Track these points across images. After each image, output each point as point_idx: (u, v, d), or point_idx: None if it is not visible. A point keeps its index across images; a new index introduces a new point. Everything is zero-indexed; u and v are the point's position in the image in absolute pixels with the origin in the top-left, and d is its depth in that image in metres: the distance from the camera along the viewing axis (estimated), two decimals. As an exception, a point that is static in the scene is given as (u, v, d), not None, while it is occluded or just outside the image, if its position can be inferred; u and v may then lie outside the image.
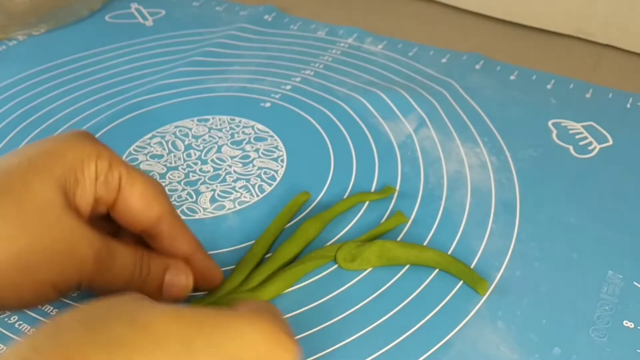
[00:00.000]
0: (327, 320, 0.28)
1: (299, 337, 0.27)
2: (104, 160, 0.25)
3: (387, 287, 0.29)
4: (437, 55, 0.46)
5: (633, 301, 0.29)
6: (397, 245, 0.30)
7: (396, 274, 0.30)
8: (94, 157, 0.25)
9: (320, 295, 0.29)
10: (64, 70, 0.45)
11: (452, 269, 0.29)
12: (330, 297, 0.29)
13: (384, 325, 0.27)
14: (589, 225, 0.32)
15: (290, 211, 0.33)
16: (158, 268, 0.26)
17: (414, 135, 0.38)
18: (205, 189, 0.35)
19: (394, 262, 0.30)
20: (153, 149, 0.38)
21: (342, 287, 0.29)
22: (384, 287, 0.29)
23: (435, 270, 0.30)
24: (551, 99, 0.42)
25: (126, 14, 0.52)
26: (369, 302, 0.28)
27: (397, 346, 0.27)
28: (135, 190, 0.26)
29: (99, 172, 0.25)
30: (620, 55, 0.47)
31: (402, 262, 0.30)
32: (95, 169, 0.25)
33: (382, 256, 0.30)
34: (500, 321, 0.28)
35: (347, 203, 0.33)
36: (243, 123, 0.40)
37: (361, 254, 0.30)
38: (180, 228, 0.27)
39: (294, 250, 0.30)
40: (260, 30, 0.49)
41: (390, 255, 0.30)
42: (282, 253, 0.30)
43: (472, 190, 0.35)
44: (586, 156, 0.37)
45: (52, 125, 0.39)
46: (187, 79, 0.44)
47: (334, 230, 0.32)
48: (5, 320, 0.28)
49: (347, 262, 0.30)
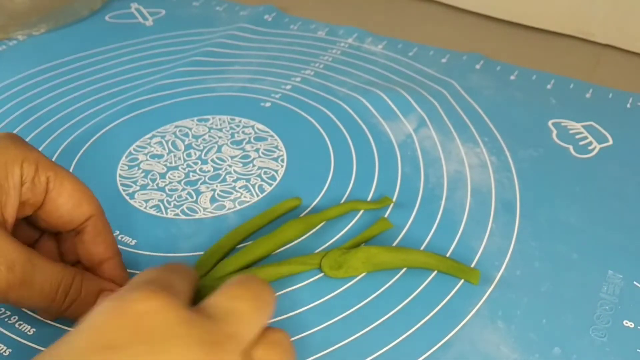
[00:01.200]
0: (326, 321, 0.28)
1: (298, 337, 0.27)
2: (31, 164, 0.25)
3: (386, 287, 0.29)
4: (437, 55, 0.46)
5: (633, 301, 0.29)
6: (383, 250, 0.30)
7: (395, 275, 0.30)
8: (19, 162, 0.25)
9: (319, 295, 0.29)
10: (64, 70, 0.45)
11: (442, 266, 0.29)
12: (329, 297, 0.29)
13: (384, 326, 0.27)
14: (589, 225, 0.32)
15: (273, 213, 0.32)
16: (91, 291, 0.26)
17: (414, 135, 0.38)
18: (205, 188, 0.35)
19: (381, 267, 0.30)
20: (153, 148, 0.38)
21: (341, 287, 0.29)
22: (384, 287, 0.29)
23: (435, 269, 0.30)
24: (551, 99, 0.42)
25: (126, 13, 0.52)
26: (368, 302, 0.28)
27: (397, 346, 0.27)
28: (64, 190, 0.26)
29: (24, 176, 0.25)
30: (620, 55, 0.47)
31: (389, 266, 0.30)
32: (21, 174, 0.25)
33: (368, 262, 0.29)
34: (500, 321, 0.28)
35: (339, 210, 0.33)
36: (243, 123, 0.40)
37: (347, 262, 0.29)
38: (105, 231, 0.27)
39: (268, 247, 0.30)
40: (260, 30, 0.49)
41: (377, 261, 0.29)
42: (253, 248, 0.30)
43: (472, 190, 0.35)
44: (586, 156, 0.37)
45: (52, 125, 0.39)
46: (187, 78, 0.44)
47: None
48: (5, 321, 0.28)
49: (334, 269, 0.29)
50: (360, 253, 0.29)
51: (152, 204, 0.34)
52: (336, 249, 0.30)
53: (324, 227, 0.32)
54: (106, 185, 0.35)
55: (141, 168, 0.36)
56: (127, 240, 0.32)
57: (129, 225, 0.32)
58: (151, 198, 0.34)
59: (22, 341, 0.27)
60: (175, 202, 0.34)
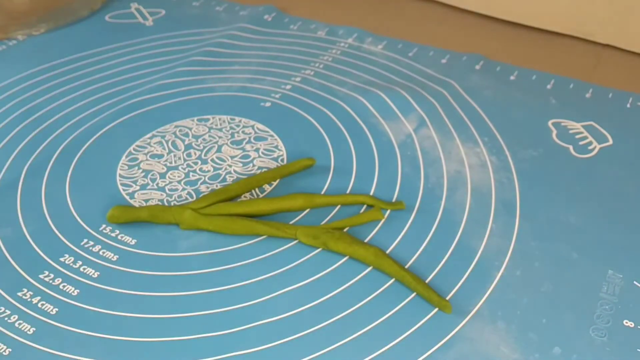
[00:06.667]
0: (325, 320, 0.28)
1: (296, 337, 0.27)
2: None
3: (386, 287, 0.29)
4: (437, 55, 0.46)
5: (633, 300, 0.29)
6: (361, 249, 0.30)
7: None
8: None
9: (319, 295, 0.29)
10: (64, 70, 0.45)
11: (419, 288, 0.29)
12: (329, 297, 0.29)
13: (383, 325, 0.27)
14: (589, 225, 0.32)
15: (286, 169, 0.35)
16: None
17: (414, 135, 0.38)
18: (205, 188, 0.35)
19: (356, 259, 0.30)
20: (153, 148, 0.38)
21: (341, 287, 0.29)
22: (383, 287, 0.29)
23: (435, 269, 0.30)
24: (551, 99, 0.42)
25: (126, 13, 0.52)
26: (368, 302, 0.28)
27: (397, 346, 0.27)
28: None
29: None
30: (620, 55, 0.47)
31: (363, 262, 0.30)
32: None
33: (345, 250, 0.30)
34: (500, 321, 0.28)
35: (346, 199, 0.33)
36: (243, 123, 0.40)
37: (326, 242, 0.30)
38: None
39: (262, 207, 0.32)
40: (260, 30, 0.49)
41: (353, 254, 0.30)
42: (250, 203, 0.32)
43: (472, 190, 0.35)
44: (586, 156, 0.37)
45: (52, 125, 0.39)
46: (187, 78, 0.44)
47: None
48: (5, 320, 0.28)
49: (309, 238, 0.30)
50: (340, 243, 0.30)
51: (152, 203, 0.34)
52: (317, 227, 0.31)
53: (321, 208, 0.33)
54: (106, 185, 0.35)
55: (141, 168, 0.36)
56: (127, 240, 0.32)
57: (128, 225, 0.32)
58: (151, 198, 0.34)
59: (22, 341, 0.27)
60: (175, 202, 0.34)
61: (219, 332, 0.27)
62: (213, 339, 0.27)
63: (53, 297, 0.29)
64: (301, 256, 0.31)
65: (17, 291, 0.29)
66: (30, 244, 0.31)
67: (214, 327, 0.27)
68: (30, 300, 0.29)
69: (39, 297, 0.29)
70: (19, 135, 0.39)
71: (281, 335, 0.27)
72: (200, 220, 0.31)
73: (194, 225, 0.32)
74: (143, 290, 0.29)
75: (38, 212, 0.33)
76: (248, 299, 0.29)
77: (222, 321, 0.28)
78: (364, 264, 0.30)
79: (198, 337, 0.27)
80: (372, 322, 0.27)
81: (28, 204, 0.34)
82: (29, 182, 0.35)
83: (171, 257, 0.31)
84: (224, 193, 0.33)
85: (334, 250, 0.30)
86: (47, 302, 0.29)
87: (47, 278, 0.30)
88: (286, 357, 0.26)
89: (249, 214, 0.32)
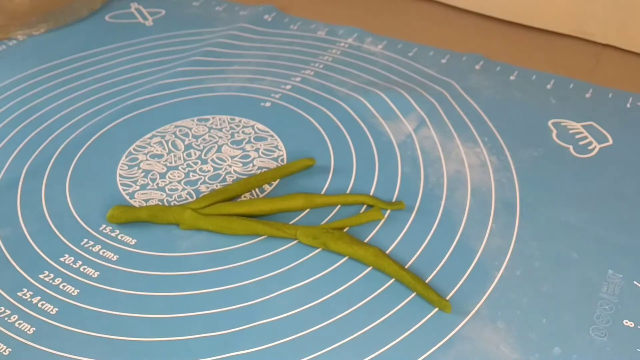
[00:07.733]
0: (325, 320, 0.28)
1: (296, 337, 0.27)
2: None
3: (386, 287, 0.29)
4: (437, 55, 0.46)
5: (633, 300, 0.29)
6: (361, 249, 0.30)
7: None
8: None
9: (319, 295, 0.29)
10: (64, 70, 0.45)
11: (418, 287, 0.29)
12: (329, 297, 0.29)
13: (384, 325, 0.27)
14: (589, 225, 0.32)
15: (286, 169, 0.34)
16: None
17: (414, 135, 0.38)
18: (205, 188, 0.35)
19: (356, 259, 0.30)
20: (153, 148, 0.38)
21: (341, 287, 0.29)
22: (383, 288, 0.29)
23: (435, 269, 0.30)
24: (551, 99, 0.42)
25: (126, 13, 0.52)
26: (368, 302, 0.28)
27: (397, 346, 0.27)
28: None
29: None
30: (620, 55, 0.47)
31: (363, 262, 0.30)
32: None
33: (344, 251, 0.30)
34: (500, 321, 0.28)
35: (347, 199, 0.33)
36: (243, 123, 0.40)
37: (326, 242, 0.30)
38: None
39: (262, 207, 0.32)
40: (260, 30, 0.49)
41: (353, 255, 0.30)
42: (250, 203, 0.32)
43: (472, 190, 0.35)
44: (586, 156, 0.37)
45: (52, 125, 0.39)
46: (186, 78, 0.44)
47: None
48: (5, 320, 0.28)
49: (309, 238, 0.30)
50: (340, 243, 0.30)
51: (152, 203, 0.34)
52: (316, 227, 0.31)
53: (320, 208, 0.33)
54: (106, 184, 0.35)
55: (141, 168, 0.36)
56: (127, 240, 0.32)
57: (128, 225, 0.32)
58: (151, 198, 0.34)
59: (22, 341, 0.27)
60: (175, 202, 0.34)
61: (219, 332, 0.27)
62: (213, 339, 0.27)
63: (53, 297, 0.29)
64: (301, 256, 0.31)
65: (17, 291, 0.29)
66: (30, 244, 0.31)
67: (214, 327, 0.27)
68: (30, 300, 0.29)
69: (39, 297, 0.29)
70: (18, 135, 0.39)
71: (281, 335, 0.27)
72: (200, 220, 0.31)
73: (194, 225, 0.32)
74: (143, 290, 0.29)
75: (38, 212, 0.33)
76: (248, 299, 0.29)
77: (222, 321, 0.28)
78: (364, 264, 0.30)
79: (198, 337, 0.27)
80: (372, 322, 0.28)
81: (28, 204, 0.34)
82: (29, 182, 0.35)
83: (171, 257, 0.31)
84: (224, 193, 0.33)
85: (334, 251, 0.30)
86: (47, 302, 0.29)
87: (47, 278, 0.30)
88: (286, 357, 0.26)
89: (249, 214, 0.32)
